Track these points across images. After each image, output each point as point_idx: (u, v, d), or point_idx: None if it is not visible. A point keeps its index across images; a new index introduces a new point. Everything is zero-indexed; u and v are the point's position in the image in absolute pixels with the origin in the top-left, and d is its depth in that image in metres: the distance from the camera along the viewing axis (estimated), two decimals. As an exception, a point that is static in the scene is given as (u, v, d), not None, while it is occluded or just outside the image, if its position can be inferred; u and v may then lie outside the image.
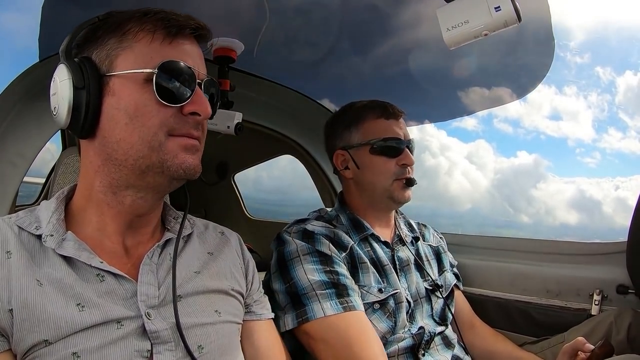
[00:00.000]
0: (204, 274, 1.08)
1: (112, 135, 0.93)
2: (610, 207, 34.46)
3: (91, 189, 0.99)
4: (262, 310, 1.24)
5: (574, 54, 1.77)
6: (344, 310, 1.35)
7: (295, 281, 1.40)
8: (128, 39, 0.94)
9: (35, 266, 0.89)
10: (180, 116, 0.94)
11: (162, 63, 0.92)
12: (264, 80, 2.38)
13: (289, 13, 1.84)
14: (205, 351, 0.99)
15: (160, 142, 0.92)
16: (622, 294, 1.68)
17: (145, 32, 0.94)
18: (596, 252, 1.82)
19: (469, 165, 10.21)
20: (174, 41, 0.96)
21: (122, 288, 0.94)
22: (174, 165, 0.93)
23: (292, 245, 1.46)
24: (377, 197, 1.64)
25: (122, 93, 0.92)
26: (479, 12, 1.17)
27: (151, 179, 0.95)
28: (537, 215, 26.39)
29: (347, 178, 1.70)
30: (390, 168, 1.60)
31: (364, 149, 1.63)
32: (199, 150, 1.00)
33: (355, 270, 1.49)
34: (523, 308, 1.95)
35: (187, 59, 0.96)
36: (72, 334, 0.85)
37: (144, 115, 0.91)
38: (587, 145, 68.42)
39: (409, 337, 1.49)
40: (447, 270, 1.83)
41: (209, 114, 0.98)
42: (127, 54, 0.93)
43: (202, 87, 0.98)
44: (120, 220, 1.00)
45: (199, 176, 1.01)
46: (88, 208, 1.00)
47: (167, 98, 0.92)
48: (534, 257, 2.01)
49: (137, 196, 0.98)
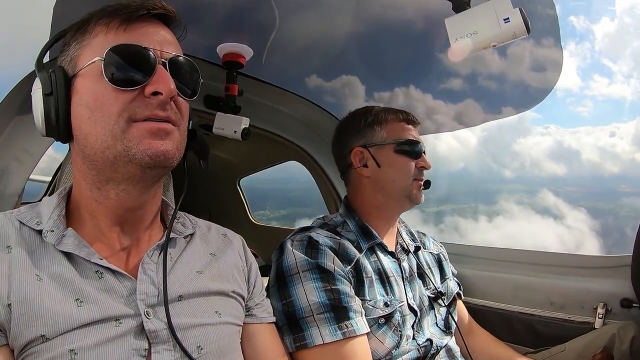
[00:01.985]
0: (205, 275, 1.08)
1: (80, 133, 0.93)
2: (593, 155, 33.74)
3: (80, 188, 1.00)
4: (264, 314, 1.24)
5: (544, 6, 1.77)
6: (343, 337, 1.32)
7: (293, 300, 1.37)
8: (86, 37, 0.95)
9: (35, 261, 0.89)
10: (142, 99, 0.91)
11: (110, 48, 0.90)
12: (271, 86, 2.38)
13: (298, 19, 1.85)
14: (205, 352, 0.99)
15: (122, 129, 0.90)
16: (626, 307, 1.68)
17: (101, 25, 0.94)
18: (601, 265, 1.81)
19: (457, 126, 10.01)
20: (130, 27, 0.93)
21: (121, 285, 0.94)
22: (139, 152, 0.90)
23: (292, 258, 1.43)
24: (395, 196, 1.64)
25: (83, 89, 0.93)
26: (488, 23, 1.17)
27: (123, 169, 0.93)
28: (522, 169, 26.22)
29: (363, 176, 1.68)
30: (411, 168, 1.62)
31: (388, 148, 1.64)
32: (171, 133, 0.95)
33: (361, 284, 1.47)
34: (526, 320, 1.94)
35: (144, 41, 0.93)
36: (70, 330, 0.84)
37: (103, 105, 0.90)
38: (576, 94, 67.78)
39: (414, 349, 1.48)
40: (449, 279, 1.83)
41: (172, 91, 0.93)
42: (86, 50, 0.94)
43: (166, 66, 0.94)
44: (112, 216, 0.99)
45: (176, 163, 0.97)
46: (81, 206, 1.00)
47: (121, 82, 0.90)
48: (538, 269, 2.00)
49: (119, 189, 0.97)
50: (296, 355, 1.34)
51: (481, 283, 2.13)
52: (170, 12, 1.00)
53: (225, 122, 1.88)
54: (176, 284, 1.01)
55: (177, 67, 0.97)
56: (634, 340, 1.52)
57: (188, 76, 1.00)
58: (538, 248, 3.55)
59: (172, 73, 0.95)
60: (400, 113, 1.70)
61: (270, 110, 2.47)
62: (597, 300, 1.75)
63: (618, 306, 1.70)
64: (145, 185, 0.99)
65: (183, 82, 0.98)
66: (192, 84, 1.02)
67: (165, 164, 0.94)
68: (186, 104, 1.01)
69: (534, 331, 1.91)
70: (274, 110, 2.49)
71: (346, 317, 1.35)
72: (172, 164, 0.96)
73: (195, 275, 1.06)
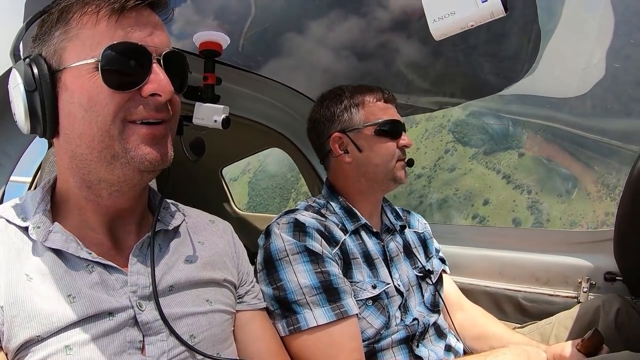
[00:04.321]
0: (196, 264, 1.07)
1: (73, 131, 0.89)
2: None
3: (67, 184, 0.97)
4: (254, 300, 1.23)
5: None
6: (336, 318, 1.32)
7: (284, 284, 1.36)
8: (73, 28, 0.88)
9: (23, 260, 0.88)
10: (138, 99, 0.88)
11: (107, 48, 0.85)
12: (250, 73, 2.35)
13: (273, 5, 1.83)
14: (197, 340, 0.98)
15: (119, 129, 0.87)
16: (609, 281, 1.71)
17: (89, 14, 0.87)
18: (584, 240, 1.84)
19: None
20: (121, 17, 0.88)
21: (112, 279, 0.92)
22: (137, 155, 0.88)
23: (279, 242, 1.42)
24: (379, 179, 1.61)
25: (74, 86, 0.87)
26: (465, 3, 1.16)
27: (120, 171, 0.90)
28: None
29: (344, 162, 1.64)
30: (392, 149, 1.59)
31: (367, 131, 1.60)
32: (166, 136, 0.94)
33: (348, 266, 1.47)
34: (512, 296, 1.97)
35: (139, 35, 0.89)
36: (64, 327, 0.83)
37: (98, 104, 0.86)
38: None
39: (403, 329, 1.49)
40: (433, 257, 1.83)
41: (170, 92, 0.90)
42: (74, 44, 0.88)
43: (161, 63, 0.90)
44: (102, 213, 0.97)
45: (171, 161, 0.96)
46: (69, 201, 0.97)
47: (118, 85, 0.86)
48: (522, 246, 2.03)
49: (112, 189, 0.94)
50: (289, 339, 1.34)
51: (467, 262, 2.15)
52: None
53: (205, 111, 1.84)
54: (167, 274, 1.00)
55: (171, 61, 0.93)
56: (618, 312, 1.54)
57: (180, 70, 0.98)
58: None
59: (166, 69, 0.91)
60: (377, 92, 1.65)
61: (250, 98, 2.45)
62: (581, 275, 1.78)
63: (602, 280, 1.73)
64: (139, 187, 0.98)
65: (175, 77, 0.94)
66: (183, 77, 0.99)
67: (162, 167, 0.93)
68: (179, 99, 0.99)
69: (521, 307, 1.94)
70: (253, 97, 2.47)
71: (338, 298, 1.35)
72: (168, 165, 0.95)
73: (186, 265, 1.05)
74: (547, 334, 1.69)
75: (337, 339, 1.32)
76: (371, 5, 1.95)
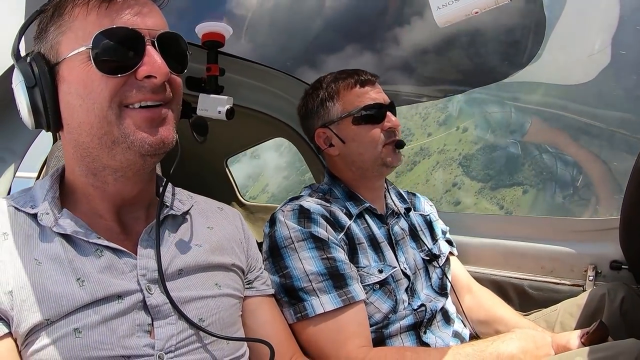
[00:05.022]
0: (205, 248, 1.08)
1: (73, 121, 0.91)
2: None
3: (74, 174, 0.98)
4: (263, 287, 1.24)
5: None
6: (343, 304, 1.33)
7: (290, 271, 1.37)
8: (66, 21, 0.89)
9: (32, 245, 0.89)
10: (134, 82, 0.89)
11: (97, 35, 0.86)
12: (253, 63, 2.34)
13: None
14: (206, 324, 0.99)
15: (116, 114, 0.88)
16: (615, 269, 1.70)
17: (80, 6, 0.88)
18: (590, 228, 1.83)
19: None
20: (110, 4, 0.88)
21: (121, 262, 0.93)
22: (137, 139, 0.89)
23: (285, 230, 1.42)
24: (368, 167, 1.60)
25: (71, 77, 0.89)
26: (469, -10, 1.15)
27: (121, 156, 0.90)
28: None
29: (333, 155, 1.65)
30: (376, 135, 1.57)
31: (346, 122, 1.59)
32: (167, 119, 0.93)
33: (354, 251, 1.47)
34: (518, 285, 1.97)
35: (129, 19, 0.89)
36: (73, 310, 0.85)
37: (93, 92, 0.87)
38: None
39: (411, 315, 1.49)
40: (440, 239, 1.83)
41: (165, 73, 0.89)
42: (67, 36, 0.89)
43: (155, 45, 0.90)
44: (109, 201, 0.98)
45: (174, 144, 0.95)
46: (77, 189, 0.98)
47: (110, 69, 0.87)
48: (528, 234, 2.02)
49: (116, 175, 0.95)
50: (297, 326, 1.35)
51: (473, 250, 2.15)
52: None
53: (209, 102, 1.84)
54: (176, 258, 1.01)
55: (166, 43, 0.93)
56: (623, 300, 1.54)
57: (177, 51, 0.97)
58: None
59: (162, 51, 0.91)
60: (351, 77, 1.62)
61: (254, 88, 2.43)
62: (587, 263, 1.78)
63: (608, 268, 1.73)
64: (145, 171, 0.98)
65: (173, 58, 0.94)
66: (181, 58, 0.98)
67: (164, 150, 0.93)
68: (179, 80, 0.98)
69: (526, 296, 1.93)
70: (257, 88, 2.46)
71: (344, 284, 1.36)
72: (171, 147, 0.95)
73: (195, 249, 1.06)
74: (552, 321, 1.69)
75: (344, 325, 1.33)
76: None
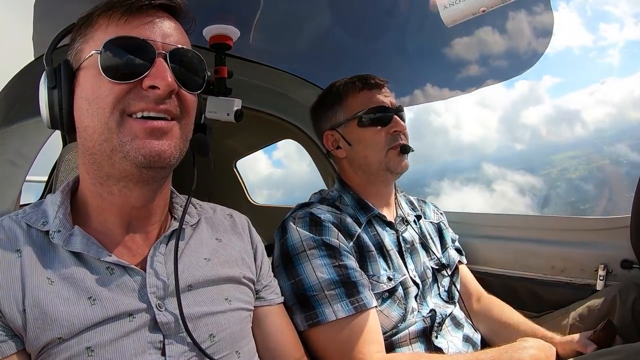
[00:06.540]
0: (213, 262, 1.08)
1: (81, 125, 0.93)
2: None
3: (85, 182, 0.99)
4: (272, 296, 1.24)
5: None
6: (355, 311, 1.33)
7: (302, 278, 1.37)
8: (90, 31, 0.94)
9: (45, 264, 0.89)
10: (138, 92, 0.90)
11: (107, 41, 0.89)
12: (261, 65, 2.35)
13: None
14: (217, 339, 1.00)
15: (117, 121, 0.89)
16: (626, 269, 1.68)
17: (103, 17, 0.93)
18: (600, 227, 1.81)
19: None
20: (130, 18, 0.92)
21: (132, 280, 0.94)
22: (132, 149, 0.89)
23: (296, 237, 1.42)
24: (373, 171, 1.61)
25: (84, 81, 0.92)
26: (476, -11, 1.15)
27: (119, 165, 0.91)
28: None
29: (340, 158, 1.67)
30: (381, 138, 1.57)
31: (352, 124, 1.61)
32: (169, 132, 0.93)
33: (363, 259, 1.47)
34: (528, 285, 1.96)
35: (144, 32, 0.92)
36: (85, 329, 0.85)
37: (99, 97, 0.89)
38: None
39: (420, 321, 1.48)
40: (449, 247, 1.82)
41: (171, 85, 0.91)
42: (88, 45, 0.93)
43: (167, 59, 0.92)
44: (118, 213, 0.99)
45: (175, 162, 0.95)
46: (88, 203, 0.99)
47: (117, 75, 0.89)
48: (538, 233, 2.00)
49: (119, 185, 0.95)
50: (308, 334, 1.35)
51: (482, 250, 2.14)
52: (174, 3, 0.97)
53: (218, 105, 1.86)
54: (185, 273, 1.01)
55: (180, 59, 0.95)
56: (635, 301, 1.52)
57: (192, 68, 0.98)
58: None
59: (175, 65, 0.93)
60: (359, 81, 1.64)
61: (262, 90, 2.44)
62: (598, 263, 1.76)
63: (619, 267, 1.71)
64: (146, 184, 0.98)
65: (187, 74, 0.96)
66: (197, 76, 1.00)
67: (161, 164, 0.92)
68: (192, 97, 0.99)
69: (537, 295, 1.92)
70: (266, 89, 2.47)
71: (356, 291, 1.35)
72: (169, 163, 0.94)
73: (204, 263, 1.06)
74: (563, 322, 1.68)
75: (357, 333, 1.33)
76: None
